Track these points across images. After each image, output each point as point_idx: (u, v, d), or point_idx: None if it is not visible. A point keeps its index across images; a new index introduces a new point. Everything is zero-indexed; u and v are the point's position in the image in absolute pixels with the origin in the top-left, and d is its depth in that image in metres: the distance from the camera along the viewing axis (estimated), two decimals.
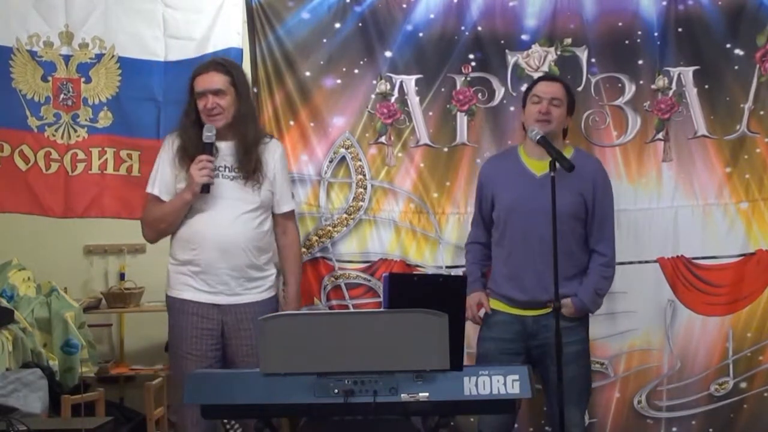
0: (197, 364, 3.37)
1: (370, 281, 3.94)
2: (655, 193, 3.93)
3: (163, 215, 3.47)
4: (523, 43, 3.93)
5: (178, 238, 3.48)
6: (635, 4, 3.91)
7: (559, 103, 3.49)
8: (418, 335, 2.53)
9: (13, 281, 4.52)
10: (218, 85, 3.42)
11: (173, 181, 3.48)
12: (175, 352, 3.48)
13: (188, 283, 3.45)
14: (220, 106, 3.43)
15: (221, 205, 3.43)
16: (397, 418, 2.77)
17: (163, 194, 3.48)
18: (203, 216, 3.43)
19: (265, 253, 3.51)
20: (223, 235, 3.40)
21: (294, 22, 3.92)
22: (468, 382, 2.56)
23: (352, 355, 2.53)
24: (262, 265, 3.50)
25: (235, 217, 3.43)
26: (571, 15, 3.92)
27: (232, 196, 3.44)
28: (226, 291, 3.44)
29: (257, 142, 3.49)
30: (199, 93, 3.43)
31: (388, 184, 3.97)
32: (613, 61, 3.93)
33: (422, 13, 3.93)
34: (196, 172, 3.36)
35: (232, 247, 3.41)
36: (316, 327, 2.57)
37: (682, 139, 3.92)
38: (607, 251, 3.53)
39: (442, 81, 3.93)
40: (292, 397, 2.55)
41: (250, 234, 3.44)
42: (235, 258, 3.42)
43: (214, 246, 3.40)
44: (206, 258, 3.41)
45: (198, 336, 3.42)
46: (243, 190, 3.45)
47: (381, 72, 3.94)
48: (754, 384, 3.91)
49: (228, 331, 3.45)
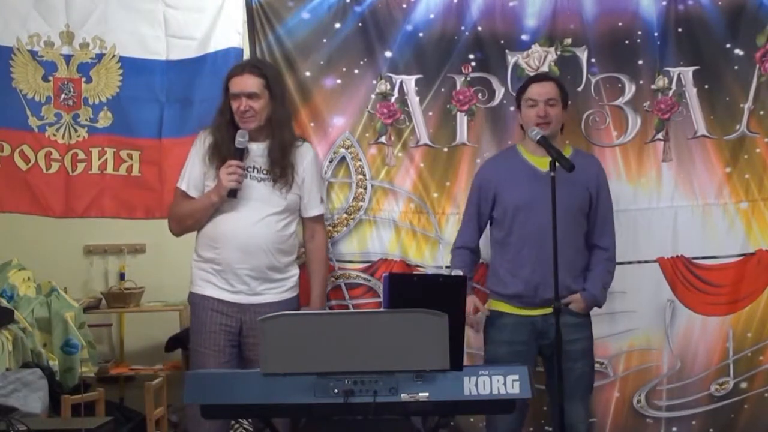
0: (216, 359, 3.41)
1: (370, 281, 3.95)
2: (655, 193, 3.93)
3: (191, 212, 3.53)
4: (523, 43, 3.93)
5: (203, 236, 3.53)
6: (635, 4, 3.91)
7: (554, 103, 3.51)
8: (418, 335, 2.53)
9: (13, 281, 4.52)
10: (252, 88, 3.45)
11: (202, 178, 3.52)
12: (195, 348, 3.51)
13: (210, 281, 3.50)
14: (253, 109, 3.46)
15: (247, 206, 3.46)
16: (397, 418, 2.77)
17: (191, 190, 3.53)
18: (228, 216, 3.46)
19: (287, 255, 3.54)
20: (245, 236, 3.44)
21: (294, 22, 3.92)
22: (468, 382, 2.56)
23: (352, 355, 2.53)
24: (283, 267, 3.53)
25: (260, 218, 3.46)
26: (571, 15, 3.92)
27: (258, 198, 3.47)
28: (247, 291, 3.48)
29: (290, 146, 3.52)
30: (234, 95, 3.46)
31: (388, 184, 3.97)
32: (613, 61, 3.94)
33: (422, 13, 3.93)
34: (225, 177, 3.39)
35: (253, 248, 3.44)
36: (316, 327, 2.57)
37: (681, 139, 3.93)
38: (609, 245, 3.58)
39: (442, 81, 3.93)
40: (292, 397, 2.55)
41: (273, 236, 3.47)
42: (255, 259, 3.45)
43: (236, 246, 3.43)
44: (228, 257, 3.45)
45: (217, 332, 3.46)
46: (270, 192, 3.48)
47: (381, 72, 3.94)
48: (754, 384, 3.92)
49: (246, 330, 3.47)
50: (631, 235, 3.88)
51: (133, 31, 3.96)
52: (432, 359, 2.53)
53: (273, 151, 3.49)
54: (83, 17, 3.93)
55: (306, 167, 3.57)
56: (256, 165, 3.50)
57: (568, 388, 3.29)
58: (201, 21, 3.97)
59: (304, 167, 3.57)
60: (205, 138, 3.55)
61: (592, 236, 3.57)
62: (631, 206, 3.90)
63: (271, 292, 3.50)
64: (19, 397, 3.78)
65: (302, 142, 3.65)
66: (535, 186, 3.46)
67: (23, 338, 4.12)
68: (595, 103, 3.94)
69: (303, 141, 3.66)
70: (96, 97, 3.95)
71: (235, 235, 3.44)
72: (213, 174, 3.48)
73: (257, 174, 3.49)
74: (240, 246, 3.44)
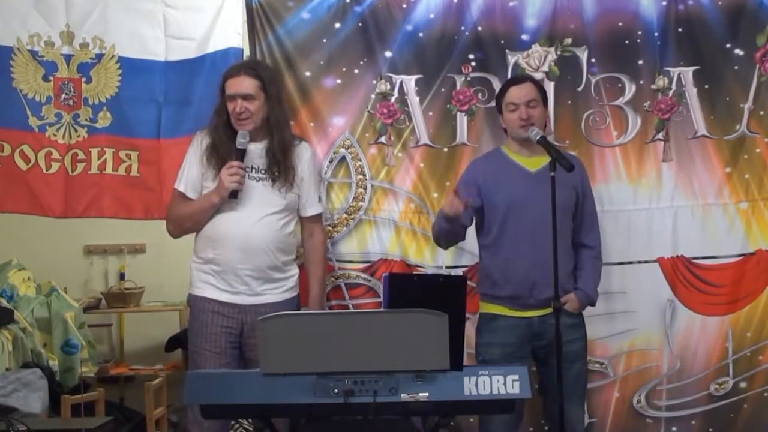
0: (216, 360, 3.40)
1: (370, 281, 3.95)
2: (655, 193, 3.93)
3: (190, 214, 3.51)
4: (523, 43, 3.93)
5: (202, 237, 3.52)
6: (635, 4, 3.91)
7: (535, 104, 3.51)
8: (418, 335, 2.53)
9: (13, 281, 4.53)
10: (247, 90, 3.45)
11: (200, 179, 3.52)
12: (195, 349, 3.50)
13: (210, 282, 3.49)
14: (248, 111, 3.45)
15: (246, 206, 3.46)
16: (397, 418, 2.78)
17: (189, 191, 3.52)
18: (227, 216, 3.46)
19: (287, 254, 3.54)
20: (245, 236, 3.43)
21: (294, 22, 3.91)
22: (468, 382, 2.56)
23: (352, 355, 2.53)
24: (284, 267, 3.52)
25: (259, 218, 3.45)
26: (571, 15, 3.92)
27: (258, 198, 3.47)
28: (247, 291, 3.47)
29: (289, 146, 3.51)
30: (229, 96, 3.45)
31: (388, 184, 3.97)
32: (613, 61, 3.93)
33: (422, 13, 3.93)
34: (226, 177, 3.39)
35: (253, 248, 3.43)
36: (316, 327, 2.57)
37: (682, 139, 3.93)
38: (596, 243, 3.59)
39: (442, 81, 3.93)
40: (292, 397, 2.55)
41: (273, 236, 3.47)
42: (256, 259, 3.44)
43: (236, 246, 3.43)
44: (228, 258, 3.44)
45: (217, 333, 3.45)
46: (269, 192, 3.48)
47: (381, 72, 3.94)
48: (753, 384, 3.92)
49: (247, 331, 3.46)
50: (631, 236, 3.88)
51: (133, 31, 3.96)
52: (432, 359, 2.53)
53: (271, 152, 3.48)
54: (83, 17, 3.93)
55: (304, 166, 3.57)
56: (255, 165, 3.49)
57: (566, 389, 3.29)
58: (200, 21, 3.97)
59: (302, 167, 3.57)
60: (202, 139, 3.54)
61: (578, 235, 3.57)
62: (631, 206, 3.91)
63: (272, 293, 3.50)
64: (19, 397, 3.78)
65: (300, 141, 3.64)
66: (527, 185, 3.47)
67: (23, 338, 4.13)
68: (595, 103, 3.94)
69: (300, 140, 3.66)
70: (96, 97, 3.94)
71: (235, 235, 3.44)
72: (211, 175, 3.48)
73: (256, 174, 3.49)
74: (240, 246, 3.43)
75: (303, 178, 3.56)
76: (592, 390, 3.81)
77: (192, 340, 3.53)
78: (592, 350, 3.75)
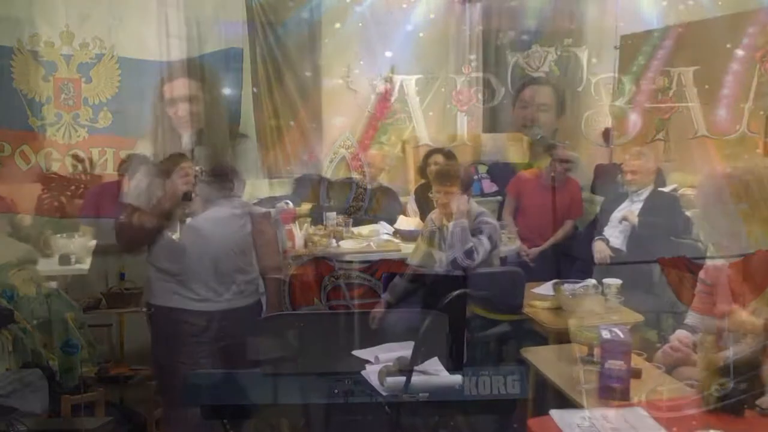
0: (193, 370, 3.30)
1: (370, 281, 3.94)
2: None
3: (141, 225, 3.36)
4: (523, 43, 3.94)
5: (160, 246, 3.37)
6: (636, 4, 3.91)
7: (546, 108, 3.51)
8: (418, 335, 2.53)
9: (13, 281, 4.52)
10: (187, 91, 3.35)
11: (146, 188, 3.39)
12: (166, 363, 3.36)
13: (175, 291, 3.34)
14: (190, 113, 3.34)
15: (201, 209, 3.34)
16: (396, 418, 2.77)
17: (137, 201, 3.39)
18: (186, 223, 3.33)
19: (247, 255, 3.45)
20: (206, 240, 3.32)
21: (294, 22, 3.92)
22: (468, 382, 2.56)
23: (352, 355, 2.53)
24: (247, 268, 3.44)
25: (217, 221, 3.34)
26: (571, 15, 3.92)
27: (210, 200, 3.36)
28: (214, 297, 3.34)
29: (231, 145, 3.42)
30: (168, 100, 3.34)
31: (388, 184, 3.97)
32: (613, 61, 3.94)
33: (422, 13, 3.93)
34: (178, 180, 3.25)
35: (217, 252, 3.31)
36: (316, 327, 2.57)
37: (682, 139, 3.93)
38: None
39: (442, 81, 3.93)
40: (292, 397, 2.55)
41: (234, 237, 3.36)
42: (220, 263, 3.33)
43: (198, 252, 3.31)
44: (191, 265, 3.32)
45: (190, 344, 3.33)
46: (220, 193, 3.38)
47: (381, 72, 3.94)
48: (753, 384, 3.91)
49: (218, 337, 3.37)
50: (631, 235, 3.88)
51: (133, 31, 3.96)
52: (432, 359, 2.53)
53: (215, 152, 3.37)
54: (83, 17, 3.93)
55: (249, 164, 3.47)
56: (203, 167, 3.37)
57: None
58: (200, 21, 3.96)
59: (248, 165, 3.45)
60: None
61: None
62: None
63: (238, 297, 3.38)
64: (19, 397, 3.77)
65: (245, 137, 3.55)
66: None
67: (23, 338, 4.12)
68: (595, 103, 3.94)
69: (244, 136, 3.56)
70: (96, 97, 3.94)
71: (194, 240, 3.32)
72: (158, 182, 3.32)
73: (204, 176, 3.37)
74: (202, 251, 3.31)
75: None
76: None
77: (160, 353, 3.33)
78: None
